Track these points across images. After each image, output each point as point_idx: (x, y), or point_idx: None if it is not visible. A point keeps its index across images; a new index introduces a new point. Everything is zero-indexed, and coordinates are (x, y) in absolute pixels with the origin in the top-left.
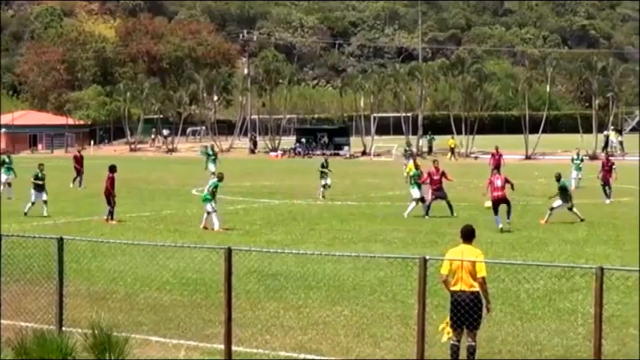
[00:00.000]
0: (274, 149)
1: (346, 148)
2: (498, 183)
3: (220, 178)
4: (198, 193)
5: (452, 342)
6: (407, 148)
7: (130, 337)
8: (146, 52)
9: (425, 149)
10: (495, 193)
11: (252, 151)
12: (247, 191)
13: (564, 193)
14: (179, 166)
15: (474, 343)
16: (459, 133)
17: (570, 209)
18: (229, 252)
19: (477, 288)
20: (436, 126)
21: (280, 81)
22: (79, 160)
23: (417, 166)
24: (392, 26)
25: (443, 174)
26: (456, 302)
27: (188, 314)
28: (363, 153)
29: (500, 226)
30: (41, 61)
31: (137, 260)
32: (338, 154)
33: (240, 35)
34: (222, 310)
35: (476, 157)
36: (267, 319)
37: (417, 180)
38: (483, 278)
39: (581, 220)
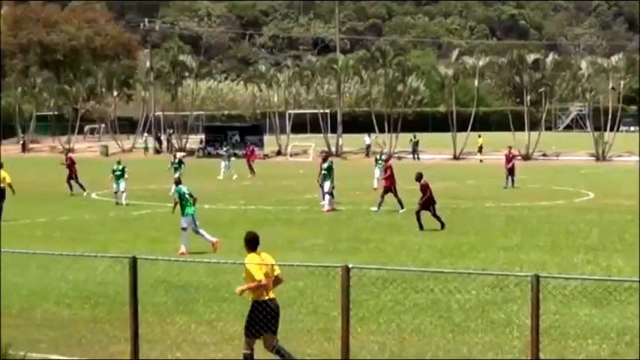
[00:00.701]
0: (181, 149)
1: (258, 147)
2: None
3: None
4: (98, 197)
5: (245, 351)
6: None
7: (26, 355)
8: (38, 43)
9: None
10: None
11: (158, 151)
12: (152, 195)
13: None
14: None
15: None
16: (382, 131)
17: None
18: (134, 261)
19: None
20: (357, 123)
21: (186, 75)
22: None
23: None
24: (307, 15)
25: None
26: (271, 310)
27: (90, 330)
28: (278, 153)
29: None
30: None
31: (32, 272)
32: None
33: (142, 24)
34: (128, 325)
35: (399, 157)
36: (178, 334)
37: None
38: (281, 275)
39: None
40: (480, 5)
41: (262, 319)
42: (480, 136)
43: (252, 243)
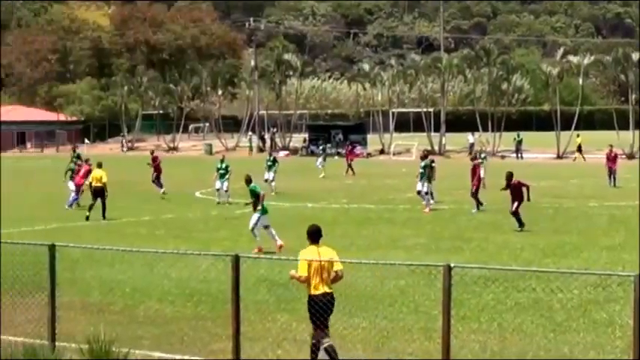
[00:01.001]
0: (284, 147)
1: (361, 146)
2: None
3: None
4: (202, 196)
5: (327, 344)
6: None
7: (129, 352)
8: (144, 42)
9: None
10: None
11: (261, 150)
12: None
13: None
14: (180, 166)
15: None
16: (485, 129)
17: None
18: (237, 259)
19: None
20: (460, 122)
21: (290, 73)
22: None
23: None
24: (411, 14)
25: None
26: (322, 304)
27: (192, 327)
28: (381, 152)
29: None
30: (30, 50)
31: (136, 269)
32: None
33: (247, 24)
34: (230, 323)
35: (502, 157)
36: (279, 332)
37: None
38: (342, 271)
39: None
40: (585, 4)
41: (314, 313)
42: (578, 136)
43: (313, 235)
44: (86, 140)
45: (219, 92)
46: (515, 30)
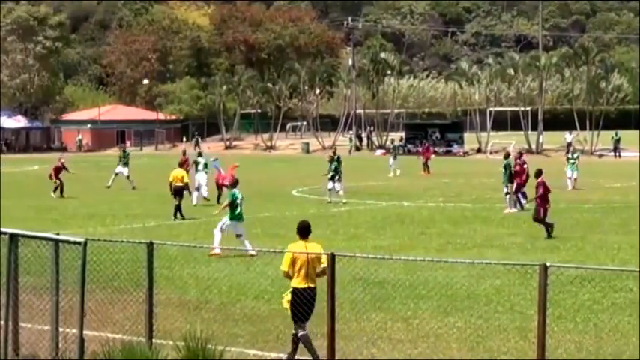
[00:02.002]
0: (381, 146)
1: (458, 145)
2: None
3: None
4: (299, 195)
5: (302, 333)
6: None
7: (225, 349)
8: (243, 41)
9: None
10: None
11: (358, 149)
12: (352, 192)
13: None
14: (278, 164)
15: (306, 332)
16: (583, 128)
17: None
18: (333, 258)
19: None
20: (558, 121)
21: (388, 72)
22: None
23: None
24: (510, 12)
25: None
26: (304, 298)
27: (287, 325)
28: (478, 150)
29: None
30: (131, 50)
31: (233, 267)
32: (450, 152)
33: (345, 23)
34: (325, 321)
35: (600, 156)
36: (374, 330)
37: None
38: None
39: None
40: None
41: (295, 306)
42: None
43: (302, 231)
44: (199, 137)
45: (317, 91)
46: (614, 28)
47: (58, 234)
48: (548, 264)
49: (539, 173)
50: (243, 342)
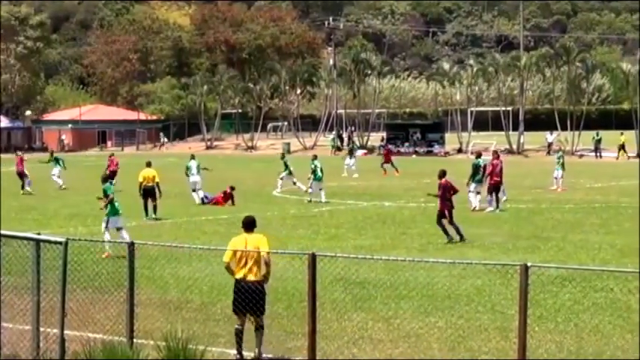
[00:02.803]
0: (362, 146)
1: (439, 145)
2: None
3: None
4: (280, 195)
5: (236, 326)
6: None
7: (206, 349)
8: (224, 41)
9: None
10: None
11: (339, 149)
12: (333, 192)
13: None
14: (259, 164)
15: (262, 323)
16: (564, 128)
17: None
18: (314, 258)
19: (260, 277)
20: (539, 121)
21: (369, 72)
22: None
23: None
24: (491, 12)
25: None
26: (242, 289)
27: (268, 325)
28: (459, 150)
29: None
30: (111, 50)
31: (214, 267)
32: (431, 152)
33: (326, 23)
34: (306, 321)
35: (581, 156)
36: (355, 331)
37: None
38: (268, 258)
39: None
40: None
41: (236, 298)
42: (622, 134)
43: (247, 225)
44: (165, 139)
45: (298, 91)
46: (595, 28)
47: (39, 234)
48: (529, 264)
49: (442, 174)
50: (224, 342)
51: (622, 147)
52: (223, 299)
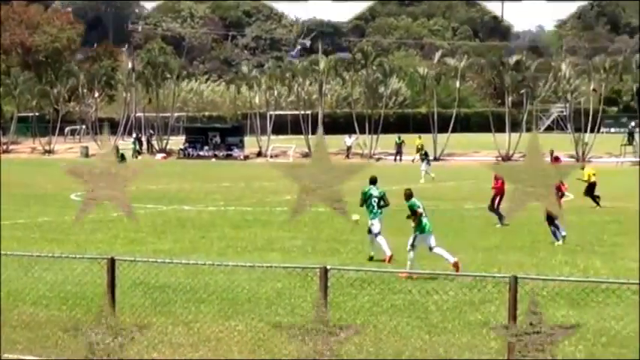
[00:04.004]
0: (162, 150)
1: (238, 149)
2: None
3: None
4: (78, 199)
5: None
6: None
7: (1, 356)
8: (20, 44)
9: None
10: None
11: (139, 152)
12: (132, 196)
13: None
14: (56, 168)
15: None
16: (362, 132)
17: None
18: (112, 262)
19: None
20: (338, 124)
21: (168, 76)
22: None
23: None
24: (290, 17)
25: None
26: None
27: (66, 331)
28: (259, 154)
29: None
30: None
31: (10, 272)
32: (231, 156)
33: (125, 25)
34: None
35: (378, 159)
36: (155, 335)
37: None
38: None
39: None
40: (463, 6)
41: None
42: (419, 137)
43: None
44: None
45: (96, 94)
46: (393, 32)
47: None
48: (328, 267)
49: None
50: (21, 349)
51: (419, 150)
52: (20, 305)
